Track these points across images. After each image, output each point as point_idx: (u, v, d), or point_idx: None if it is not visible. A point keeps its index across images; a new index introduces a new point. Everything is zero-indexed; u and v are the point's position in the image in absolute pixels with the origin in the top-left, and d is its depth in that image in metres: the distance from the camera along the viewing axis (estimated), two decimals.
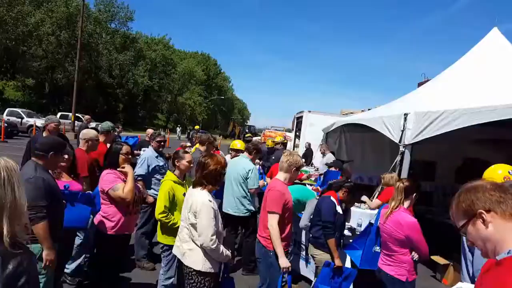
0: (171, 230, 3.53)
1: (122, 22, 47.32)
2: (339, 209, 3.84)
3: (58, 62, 39.42)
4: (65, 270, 4.11)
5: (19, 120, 21.61)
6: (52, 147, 2.89)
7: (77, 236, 4.00)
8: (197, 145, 5.97)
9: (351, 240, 4.34)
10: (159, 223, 3.68)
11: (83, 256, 4.29)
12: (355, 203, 6.14)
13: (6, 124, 18.35)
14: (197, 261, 2.83)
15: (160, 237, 3.68)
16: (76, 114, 24.50)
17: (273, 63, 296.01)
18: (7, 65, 39.74)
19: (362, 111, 12.21)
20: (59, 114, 27.75)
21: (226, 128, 57.24)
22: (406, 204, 3.11)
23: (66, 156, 3.26)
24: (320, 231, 3.77)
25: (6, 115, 21.14)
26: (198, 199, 2.82)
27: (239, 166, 5.06)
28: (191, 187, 3.08)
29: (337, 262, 3.63)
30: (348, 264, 4.10)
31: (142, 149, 8.05)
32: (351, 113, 13.09)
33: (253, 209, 5.14)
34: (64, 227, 2.98)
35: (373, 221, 3.72)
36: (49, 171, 2.91)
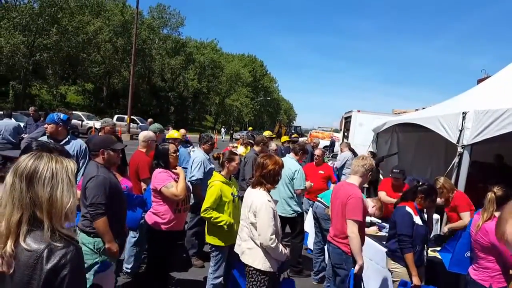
0: (219, 231, 3.61)
1: (173, 27, 49.28)
2: (417, 220, 3.44)
3: (115, 68, 41.75)
4: (126, 270, 4.35)
5: (80, 122, 23.24)
6: (103, 143, 3.07)
7: (130, 235, 4.22)
8: (238, 145, 6.08)
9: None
10: (207, 223, 3.75)
11: (142, 254, 4.51)
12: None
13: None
14: (256, 260, 2.90)
15: (208, 238, 3.75)
16: (132, 117, 25.81)
17: (319, 63, 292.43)
18: (69, 71, 42.81)
19: (416, 110, 11.65)
20: (115, 116, 29.43)
21: (272, 128, 57.37)
22: (498, 214, 2.95)
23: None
24: (396, 244, 3.47)
25: None
26: (258, 199, 2.90)
27: (285, 167, 5.03)
28: (250, 187, 3.18)
29: (415, 281, 3.28)
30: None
31: (193, 149, 8.34)
32: (404, 112, 12.55)
33: (299, 210, 5.10)
34: None
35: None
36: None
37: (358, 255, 3.22)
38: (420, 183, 3.69)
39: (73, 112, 24.32)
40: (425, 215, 3.72)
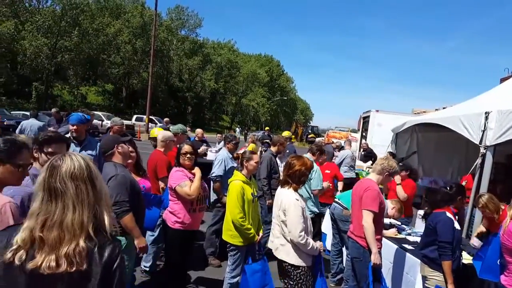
0: (239, 231, 3.62)
1: (191, 29, 49.87)
2: (457, 225, 3.39)
3: (134, 69, 42.45)
4: (144, 269, 4.42)
5: (100, 122, 23.71)
6: (114, 140, 3.12)
7: (148, 234, 4.28)
8: (251, 146, 6.06)
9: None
10: (225, 222, 3.76)
11: (160, 252, 4.57)
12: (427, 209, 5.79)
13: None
14: (289, 255, 3.06)
15: (226, 236, 3.74)
16: (150, 117, 26.19)
17: (337, 62, 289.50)
18: (89, 72, 43.79)
19: (436, 109, 11.46)
20: (134, 116, 29.93)
21: (289, 128, 57.25)
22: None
23: (130, 148, 3.34)
24: (435, 251, 3.34)
25: None
26: (287, 198, 3.05)
27: None
28: (279, 186, 3.29)
29: None
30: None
31: (209, 149, 8.41)
32: (424, 112, 12.35)
33: (316, 210, 5.08)
34: None
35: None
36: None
37: (372, 244, 3.33)
38: (449, 187, 3.59)
39: (94, 112, 24.87)
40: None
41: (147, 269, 4.42)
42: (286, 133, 9.31)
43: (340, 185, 7.31)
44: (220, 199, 5.00)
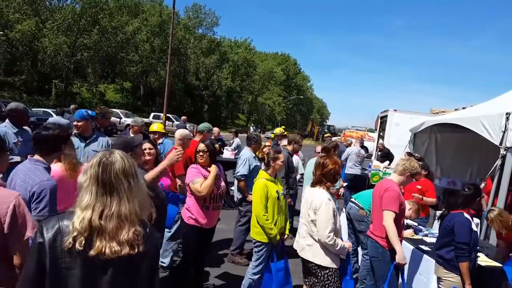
0: (263, 229, 3.67)
1: (208, 27, 50.11)
2: (474, 227, 3.39)
3: (152, 67, 42.97)
4: (162, 265, 4.49)
5: (118, 119, 24.14)
6: (124, 148, 3.14)
7: (166, 230, 4.34)
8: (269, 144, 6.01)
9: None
10: (252, 220, 3.81)
11: (176, 247, 4.64)
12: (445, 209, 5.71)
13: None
14: (317, 256, 3.05)
15: (252, 233, 3.82)
16: (167, 115, 26.47)
17: (354, 61, 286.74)
18: (108, 70, 44.53)
19: (456, 109, 11.24)
20: (152, 114, 30.32)
21: (304, 127, 56.97)
22: None
23: (144, 150, 3.40)
24: (452, 253, 3.32)
25: None
26: (318, 197, 3.07)
27: None
28: (307, 186, 3.34)
29: None
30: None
31: (225, 147, 8.51)
32: (443, 112, 12.14)
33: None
34: None
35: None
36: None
37: (396, 244, 3.30)
38: (467, 189, 3.54)
39: (112, 110, 25.34)
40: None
41: (164, 264, 4.49)
42: (277, 130, 9.23)
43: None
44: (245, 198, 5.07)
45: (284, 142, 7.15)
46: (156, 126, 5.76)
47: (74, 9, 35.10)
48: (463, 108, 10.10)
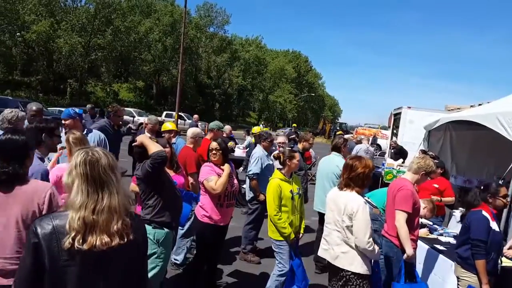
0: (276, 228, 3.66)
1: (219, 25, 50.26)
2: (494, 226, 3.24)
3: (164, 66, 43.30)
4: (175, 262, 4.53)
5: (131, 118, 24.40)
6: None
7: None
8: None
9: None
10: (269, 220, 3.77)
11: (189, 244, 4.67)
12: (461, 209, 5.61)
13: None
14: (354, 263, 2.87)
15: (271, 234, 3.75)
16: (179, 113, 26.64)
17: (367, 57, 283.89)
18: (121, 69, 45.09)
19: (471, 106, 11.03)
20: (164, 113, 30.54)
21: (316, 125, 56.67)
22: None
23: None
24: (469, 251, 3.22)
25: None
26: (353, 202, 2.87)
27: (332, 164, 4.99)
28: (334, 189, 3.20)
29: None
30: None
31: (237, 146, 8.52)
32: (458, 109, 11.92)
33: None
34: None
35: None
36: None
37: (406, 244, 3.25)
38: (482, 187, 3.45)
39: (125, 108, 25.62)
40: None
41: (178, 262, 4.53)
42: (257, 129, 9.14)
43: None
44: (257, 196, 5.06)
45: (279, 139, 7.07)
46: (170, 125, 5.78)
47: (88, 10, 35.60)
48: (479, 104, 9.89)
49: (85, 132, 4.30)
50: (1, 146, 2.11)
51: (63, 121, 4.18)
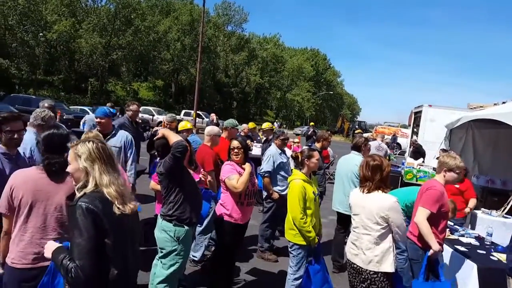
0: (300, 232, 3.52)
1: (237, 24, 50.55)
2: None
3: (182, 65, 43.77)
4: (193, 258, 4.59)
5: (151, 117, 24.77)
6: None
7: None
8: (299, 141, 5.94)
9: (479, 251, 3.89)
10: (287, 221, 3.66)
11: (207, 242, 4.72)
12: (483, 209, 5.48)
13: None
14: (386, 263, 2.86)
15: (288, 236, 3.63)
16: (197, 112, 26.91)
17: (387, 55, 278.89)
18: (141, 68, 45.82)
19: (495, 104, 10.73)
20: (183, 111, 30.89)
21: (334, 124, 56.20)
22: None
23: None
24: None
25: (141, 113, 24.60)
26: (386, 202, 2.84)
27: (352, 163, 4.92)
28: (356, 191, 3.14)
29: None
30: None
31: (254, 144, 8.53)
32: (481, 107, 11.62)
33: None
34: None
35: (509, 231, 3.19)
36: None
37: (430, 239, 3.18)
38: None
39: (145, 107, 26.02)
40: None
41: (196, 258, 4.58)
42: (251, 124, 9.11)
43: None
44: (270, 194, 5.07)
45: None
46: (185, 124, 5.90)
47: (109, 10, 36.28)
48: (503, 102, 9.61)
49: (113, 132, 4.40)
50: (49, 140, 2.31)
51: (98, 120, 4.31)
